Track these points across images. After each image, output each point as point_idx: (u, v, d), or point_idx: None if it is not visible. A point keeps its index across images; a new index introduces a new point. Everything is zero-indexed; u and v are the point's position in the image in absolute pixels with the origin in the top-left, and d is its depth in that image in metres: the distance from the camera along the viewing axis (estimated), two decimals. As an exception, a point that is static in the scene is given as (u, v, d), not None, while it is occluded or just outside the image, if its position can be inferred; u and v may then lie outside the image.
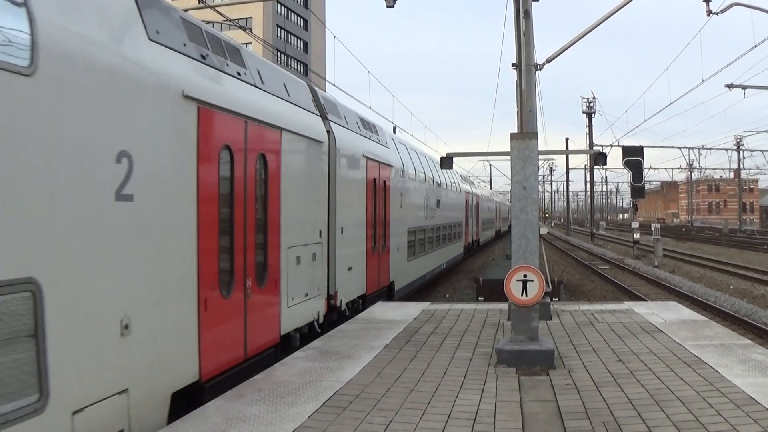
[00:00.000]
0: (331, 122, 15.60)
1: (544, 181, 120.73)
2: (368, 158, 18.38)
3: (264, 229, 11.30)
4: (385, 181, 20.26)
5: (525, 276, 10.76)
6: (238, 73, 10.90)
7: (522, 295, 10.72)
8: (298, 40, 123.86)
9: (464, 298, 27.93)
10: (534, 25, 12.86)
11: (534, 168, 11.67)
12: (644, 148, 19.85)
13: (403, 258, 23.04)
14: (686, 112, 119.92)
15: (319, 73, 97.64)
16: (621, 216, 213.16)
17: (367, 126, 19.92)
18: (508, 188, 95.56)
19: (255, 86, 11.48)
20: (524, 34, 12.55)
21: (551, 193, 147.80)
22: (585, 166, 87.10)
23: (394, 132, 26.43)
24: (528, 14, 12.48)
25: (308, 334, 13.39)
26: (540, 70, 14.08)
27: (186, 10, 9.93)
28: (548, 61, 14.22)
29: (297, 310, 12.76)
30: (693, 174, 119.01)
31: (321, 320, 14.27)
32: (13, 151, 5.80)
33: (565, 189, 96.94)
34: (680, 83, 44.32)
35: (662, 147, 70.30)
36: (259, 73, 11.93)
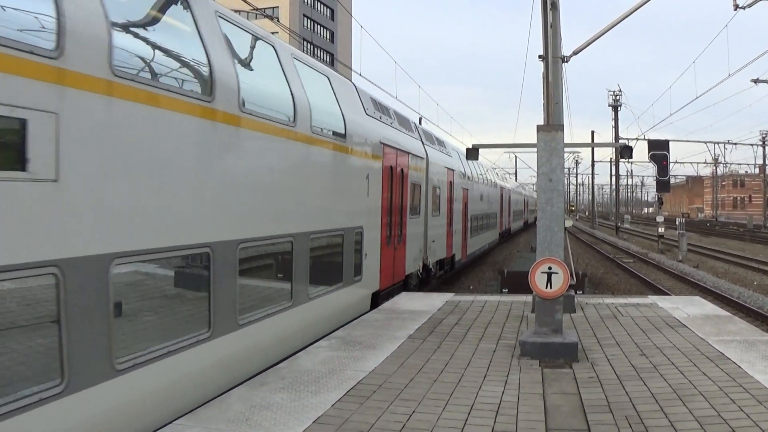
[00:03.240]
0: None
1: (569, 174, 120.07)
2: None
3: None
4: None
5: (550, 268, 10.75)
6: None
7: (546, 288, 10.70)
8: (325, 30, 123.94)
9: (488, 289, 27.87)
10: (561, 17, 12.81)
11: (560, 160, 11.65)
12: (670, 142, 19.68)
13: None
14: (712, 106, 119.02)
15: (346, 63, 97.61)
16: (646, 210, 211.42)
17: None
18: (533, 180, 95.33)
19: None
20: (551, 26, 12.53)
21: (576, 186, 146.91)
22: (610, 159, 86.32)
23: (420, 123, 26.81)
24: (555, 6, 12.45)
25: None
26: (567, 62, 14.03)
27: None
28: (575, 53, 14.17)
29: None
30: (718, 169, 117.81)
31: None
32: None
33: (591, 182, 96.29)
34: (706, 77, 43.77)
35: (688, 141, 70.07)
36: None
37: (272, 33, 12.27)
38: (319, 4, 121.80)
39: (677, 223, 48.95)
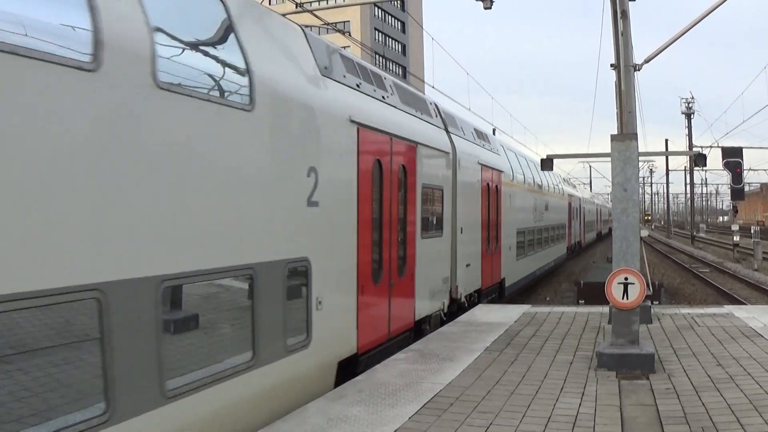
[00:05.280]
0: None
1: (644, 183, 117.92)
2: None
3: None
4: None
5: (626, 279, 10.69)
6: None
7: (623, 298, 10.65)
8: (396, 43, 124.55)
9: (565, 301, 27.69)
10: (631, 26, 12.76)
11: (634, 169, 11.59)
12: (743, 150, 19.42)
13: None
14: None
15: (418, 75, 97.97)
16: (721, 218, 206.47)
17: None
18: (608, 190, 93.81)
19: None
20: (622, 35, 12.49)
21: (651, 195, 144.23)
22: (684, 167, 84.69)
23: (494, 134, 26.50)
24: (625, 14, 12.40)
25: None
26: (638, 70, 13.94)
27: (284, 15, 10.32)
28: (646, 61, 14.07)
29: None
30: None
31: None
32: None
33: (665, 191, 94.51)
34: (779, 83, 42.45)
35: (762, 148, 68.14)
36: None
37: (344, 47, 12.49)
38: (389, 17, 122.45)
39: (752, 231, 47.75)
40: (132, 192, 6.23)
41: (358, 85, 12.01)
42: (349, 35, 26.70)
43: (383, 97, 13.21)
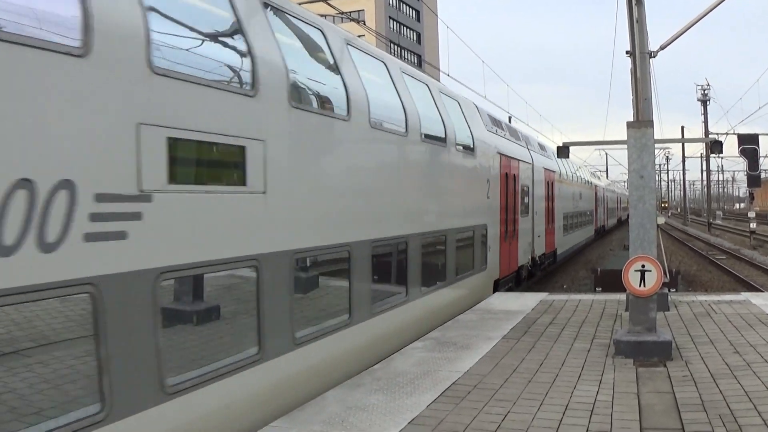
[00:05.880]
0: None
1: (660, 171, 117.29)
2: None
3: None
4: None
5: (643, 266, 10.67)
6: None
7: (640, 286, 10.64)
8: (411, 32, 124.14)
9: (582, 288, 27.64)
10: (646, 12, 12.69)
11: (651, 157, 11.56)
12: (760, 136, 19.26)
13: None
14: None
15: (433, 64, 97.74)
16: (737, 205, 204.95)
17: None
18: (624, 177, 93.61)
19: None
20: (637, 21, 12.44)
21: (668, 183, 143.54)
22: (701, 155, 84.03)
23: (509, 121, 27.04)
24: (640, 0, 12.34)
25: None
26: (654, 57, 13.85)
27: (300, 4, 10.44)
28: (662, 48, 13.98)
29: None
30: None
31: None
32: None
33: (682, 178, 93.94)
34: (797, 69, 42.09)
35: (778, 134, 67.32)
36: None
37: (359, 36, 12.53)
38: (404, 5, 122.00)
39: (769, 218, 47.41)
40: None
41: (495, 131, 20.54)
42: (364, 24, 26.72)
43: (502, 135, 21.55)
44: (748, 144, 17.37)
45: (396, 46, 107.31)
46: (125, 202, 5.89)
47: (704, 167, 79.12)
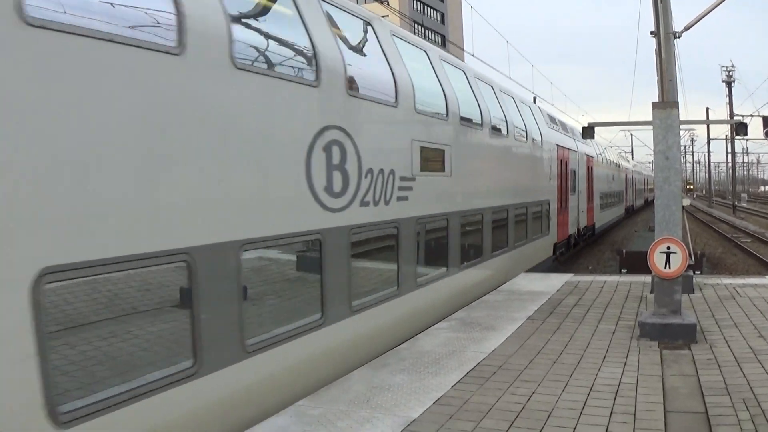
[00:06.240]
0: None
1: (685, 152, 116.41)
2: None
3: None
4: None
5: (668, 248, 10.67)
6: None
7: (665, 268, 10.64)
8: (435, 12, 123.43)
9: (607, 270, 27.60)
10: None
11: (676, 138, 11.53)
12: (784, 118, 19.05)
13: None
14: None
15: (458, 44, 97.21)
16: (762, 188, 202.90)
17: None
18: (649, 159, 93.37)
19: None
20: (661, 1, 12.35)
21: (692, 164, 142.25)
22: (726, 136, 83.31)
23: (534, 102, 26.95)
24: (667, -19, 12.27)
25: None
26: (679, 38, 13.76)
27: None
28: (686, 28, 13.87)
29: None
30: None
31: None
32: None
33: (707, 160, 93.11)
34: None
35: (802, 116, 65.99)
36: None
37: (383, 16, 12.58)
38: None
39: (794, 200, 47.08)
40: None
41: (553, 127, 25.57)
42: (387, 4, 26.69)
43: (557, 130, 26.76)
44: (772, 125, 17.20)
45: (420, 27, 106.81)
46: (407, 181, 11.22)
47: (729, 149, 78.46)
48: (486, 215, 15.73)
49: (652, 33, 13.10)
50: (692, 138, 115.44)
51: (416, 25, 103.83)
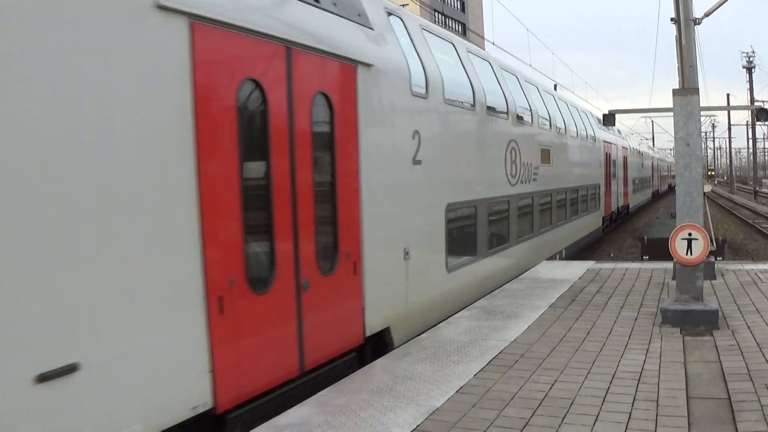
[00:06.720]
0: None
1: (706, 138, 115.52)
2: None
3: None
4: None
5: (690, 234, 10.65)
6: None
7: (687, 254, 10.62)
8: (455, 0, 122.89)
9: (629, 257, 27.58)
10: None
11: (697, 124, 11.46)
12: (804, 103, 18.95)
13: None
14: None
15: (478, 32, 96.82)
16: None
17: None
18: (670, 145, 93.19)
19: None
20: (683, -12, 12.29)
21: (714, 151, 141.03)
22: (746, 122, 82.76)
23: (555, 89, 26.95)
24: (687, -33, 12.21)
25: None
26: (699, 24, 13.69)
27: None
28: (707, 14, 13.82)
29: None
30: None
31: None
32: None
33: (728, 146, 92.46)
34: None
35: (822, 102, 65.69)
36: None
37: (403, 5, 12.60)
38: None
39: (815, 186, 46.78)
40: None
41: (599, 126, 30.00)
42: (408, -7, 26.62)
43: (602, 128, 30.67)
44: (794, 112, 17.03)
45: (440, 15, 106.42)
46: (537, 169, 18.69)
47: (750, 135, 77.95)
48: (573, 193, 24.18)
49: (672, 20, 13.04)
50: (713, 124, 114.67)
51: (436, 14, 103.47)
